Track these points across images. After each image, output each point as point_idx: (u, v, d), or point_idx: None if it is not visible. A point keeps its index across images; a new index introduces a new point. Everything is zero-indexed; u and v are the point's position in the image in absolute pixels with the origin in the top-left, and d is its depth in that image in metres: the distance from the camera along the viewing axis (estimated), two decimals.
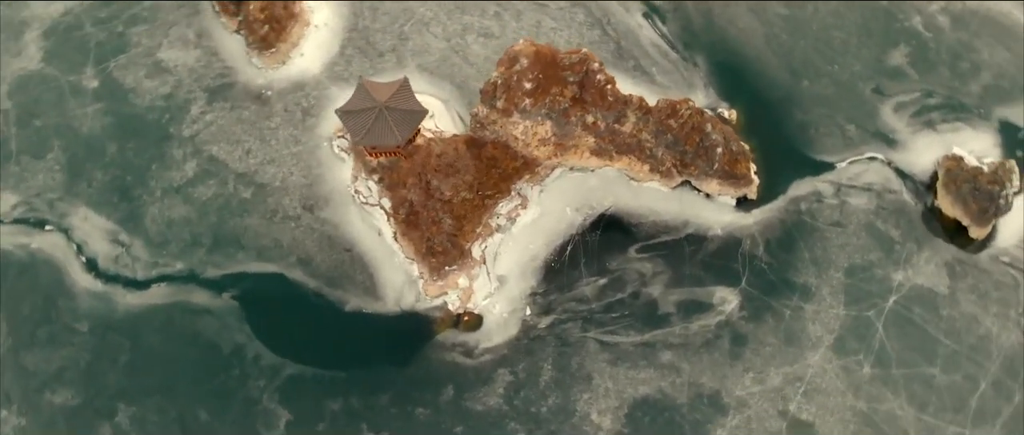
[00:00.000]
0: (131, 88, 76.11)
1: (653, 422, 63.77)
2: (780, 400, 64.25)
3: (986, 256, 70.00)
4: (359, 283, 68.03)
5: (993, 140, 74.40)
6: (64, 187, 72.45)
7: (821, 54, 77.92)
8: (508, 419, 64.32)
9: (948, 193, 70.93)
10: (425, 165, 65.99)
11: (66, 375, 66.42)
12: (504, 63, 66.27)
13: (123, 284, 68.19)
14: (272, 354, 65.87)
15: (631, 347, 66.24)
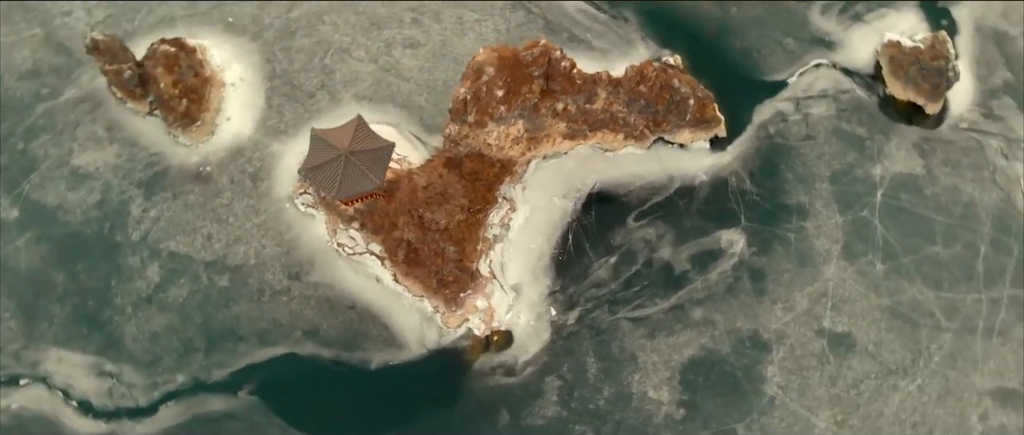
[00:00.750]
0: (56, 206, 70.57)
1: (707, 379, 66.21)
2: (813, 320, 68.45)
3: (947, 128, 76.48)
4: (376, 337, 66.84)
5: (917, 16, 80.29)
6: (24, 334, 66.80)
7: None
8: (571, 424, 65.13)
9: (896, 79, 76.79)
10: (413, 200, 65.29)
11: None
12: (470, 77, 66.00)
13: (127, 416, 64.24)
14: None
15: (662, 315, 68.75)
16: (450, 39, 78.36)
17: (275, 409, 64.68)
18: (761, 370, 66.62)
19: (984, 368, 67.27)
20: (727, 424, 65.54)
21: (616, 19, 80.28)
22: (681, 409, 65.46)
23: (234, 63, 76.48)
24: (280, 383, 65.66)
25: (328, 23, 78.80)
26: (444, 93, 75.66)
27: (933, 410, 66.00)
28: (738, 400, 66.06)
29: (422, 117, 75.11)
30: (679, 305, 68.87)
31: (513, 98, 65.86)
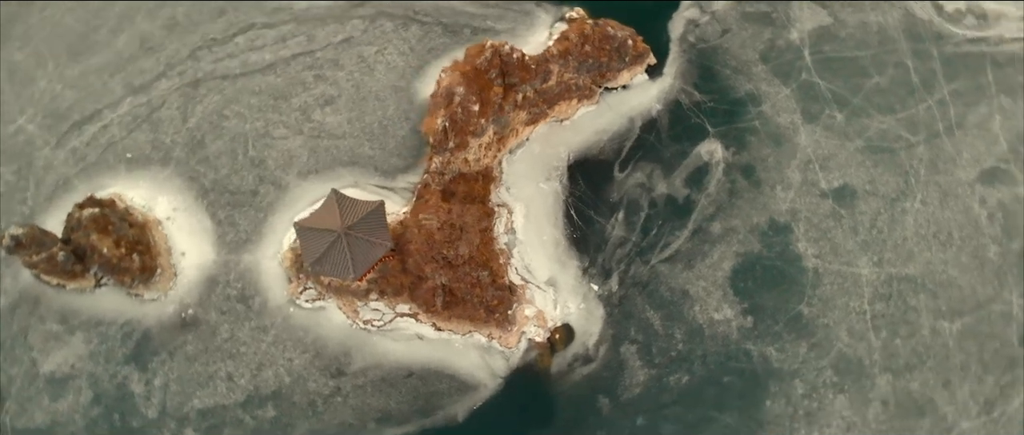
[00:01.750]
0: (50, 424, 65.04)
1: (755, 281, 71.80)
2: (812, 187, 76.07)
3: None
4: (447, 390, 67.33)
5: None
6: None
7: None
8: (665, 378, 68.18)
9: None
10: (432, 244, 66.00)
11: None
12: (441, 104, 67.85)
13: None
14: None
15: (688, 244, 73.70)
16: (361, 80, 78.84)
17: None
18: (794, 250, 73.55)
19: (961, 161, 77.36)
20: (792, 310, 71.23)
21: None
22: (748, 317, 70.76)
23: (158, 197, 73.45)
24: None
25: (231, 116, 77.24)
26: (384, 134, 76.74)
27: (942, 215, 75.26)
28: (789, 285, 72.36)
29: (375, 166, 75.54)
30: (697, 228, 74.47)
31: (487, 108, 68.74)
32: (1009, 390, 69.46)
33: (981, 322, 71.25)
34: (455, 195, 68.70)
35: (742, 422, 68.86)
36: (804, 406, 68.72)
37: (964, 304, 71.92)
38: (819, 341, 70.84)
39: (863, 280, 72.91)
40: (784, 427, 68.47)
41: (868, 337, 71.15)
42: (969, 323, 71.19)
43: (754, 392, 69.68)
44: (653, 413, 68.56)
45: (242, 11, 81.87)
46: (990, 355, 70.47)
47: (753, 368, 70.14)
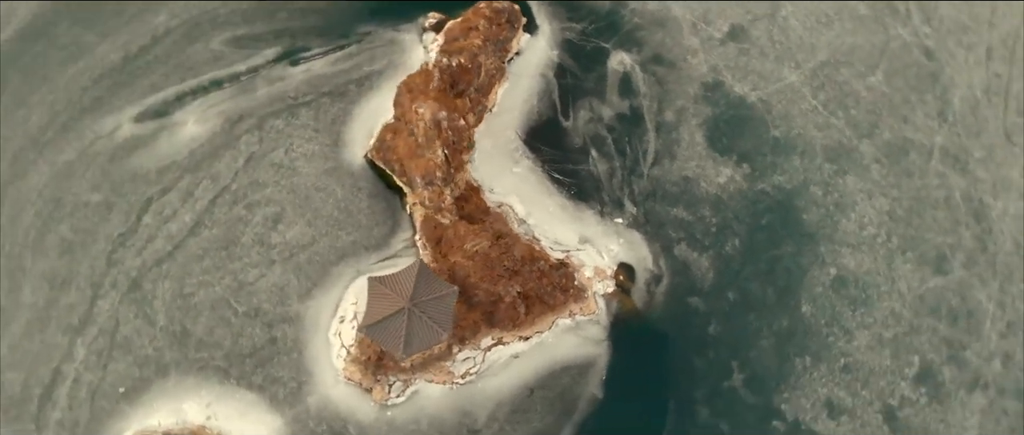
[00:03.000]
0: None
1: (725, 136, 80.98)
2: (710, 40, 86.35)
3: None
4: (571, 381, 69.21)
5: None
6: None
7: None
8: (721, 250, 76.16)
9: None
10: (492, 265, 68.36)
11: None
12: (438, 138, 69.85)
13: None
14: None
15: (660, 142, 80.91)
16: (292, 184, 78.00)
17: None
18: (736, 95, 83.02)
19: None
20: (767, 139, 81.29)
21: (376, 32, 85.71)
22: (742, 165, 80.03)
23: (183, 405, 67.59)
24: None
25: (195, 290, 72.75)
26: (350, 215, 77.16)
27: (813, 5, 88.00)
28: (752, 123, 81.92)
29: (363, 246, 75.61)
30: (657, 125, 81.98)
31: (469, 117, 73.63)
32: (946, 94, 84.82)
33: (893, 60, 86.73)
34: (471, 215, 73.06)
35: (800, 243, 78.39)
36: (831, 201, 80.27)
37: (873, 55, 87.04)
38: (803, 148, 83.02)
39: (796, 85, 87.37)
40: (829, 225, 78.91)
41: (831, 122, 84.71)
42: (886, 66, 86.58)
43: (789, 216, 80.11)
44: (734, 283, 76.28)
45: (126, 192, 78.22)
46: (914, 81, 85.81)
47: (774, 199, 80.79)
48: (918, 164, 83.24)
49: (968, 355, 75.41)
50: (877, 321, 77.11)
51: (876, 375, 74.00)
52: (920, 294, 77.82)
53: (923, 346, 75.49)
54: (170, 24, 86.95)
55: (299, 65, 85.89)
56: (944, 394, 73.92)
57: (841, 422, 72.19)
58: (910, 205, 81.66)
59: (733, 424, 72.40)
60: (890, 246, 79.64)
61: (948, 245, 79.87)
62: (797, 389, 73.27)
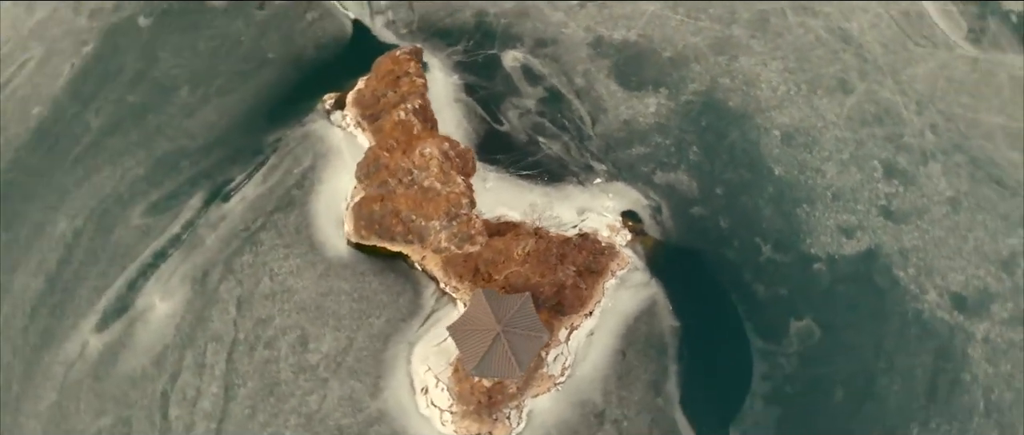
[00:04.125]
0: None
1: (637, 65, 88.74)
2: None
3: None
4: (647, 330, 71.83)
5: None
6: None
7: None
8: (712, 165, 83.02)
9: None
10: (546, 259, 68.99)
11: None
12: (446, 166, 70.25)
13: None
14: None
15: (589, 100, 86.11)
16: (296, 304, 73.99)
17: None
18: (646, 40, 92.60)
19: None
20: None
21: (285, 135, 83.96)
22: (670, 86, 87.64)
23: None
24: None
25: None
26: (366, 298, 74.24)
27: None
28: (650, 57, 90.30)
29: (400, 318, 73.17)
30: (580, 90, 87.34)
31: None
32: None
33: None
34: (493, 229, 74.22)
35: (740, 125, 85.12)
36: (740, 83, 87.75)
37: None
38: (694, 55, 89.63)
39: (658, 11, 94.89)
40: (751, 101, 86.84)
41: (701, 26, 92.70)
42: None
43: (719, 109, 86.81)
44: (714, 180, 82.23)
45: (134, 399, 69.70)
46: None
47: (700, 102, 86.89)
48: (781, 25, 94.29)
49: (907, 140, 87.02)
50: (831, 151, 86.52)
51: (858, 189, 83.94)
52: (846, 115, 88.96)
53: (874, 151, 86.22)
54: (76, 225, 79.62)
55: (231, 198, 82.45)
56: (910, 176, 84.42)
57: (858, 237, 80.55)
58: (796, 57, 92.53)
59: (786, 284, 77.59)
60: (802, 92, 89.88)
61: (840, 71, 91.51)
62: (812, 232, 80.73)
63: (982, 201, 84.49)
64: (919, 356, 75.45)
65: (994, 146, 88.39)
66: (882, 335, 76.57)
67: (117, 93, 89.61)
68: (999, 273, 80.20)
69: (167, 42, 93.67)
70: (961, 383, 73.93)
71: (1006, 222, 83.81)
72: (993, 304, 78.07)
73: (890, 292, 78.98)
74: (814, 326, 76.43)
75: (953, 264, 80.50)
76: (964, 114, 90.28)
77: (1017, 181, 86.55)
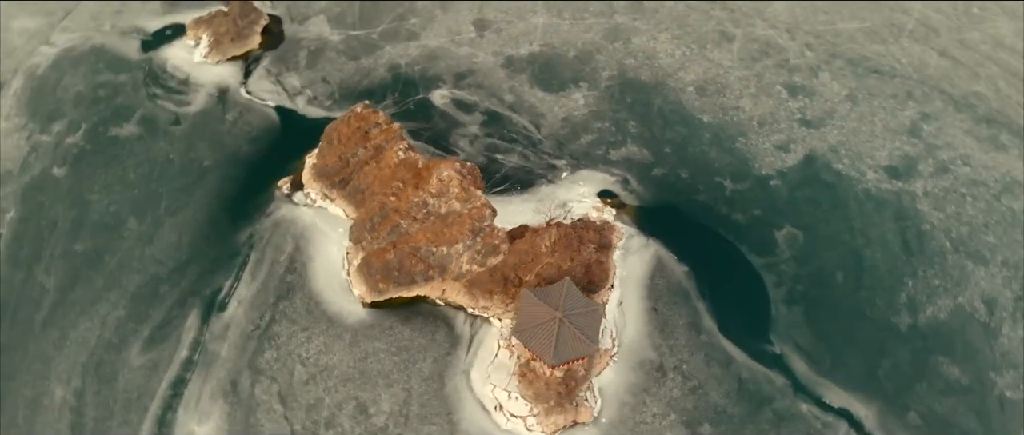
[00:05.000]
0: None
1: (545, 66, 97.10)
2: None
3: None
4: (664, 279, 77.91)
5: None
6: None
7: None
8: (643, 120, 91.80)
9: None
10: (569, 242, 73.47)
11: None
12: (466, 183, 71.74)
13: None
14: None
15: (509, 97, 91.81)
16: (342, 374, 72.47)
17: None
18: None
19: None
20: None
21: (256, 230, 79.36)
22: (587, 78, 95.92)
23: None
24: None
25: None
26: (405, 348, 73.96)
27: None
28: (560, 59, 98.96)
29: (446, 353, 73.55)
30: (509, 91, 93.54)
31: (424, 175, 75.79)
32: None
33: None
34: (514, 238, 77.05)
35: (659, 90, 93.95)
36: (643, 56, 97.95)
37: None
38: (595, 47, 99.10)
39: (543, 24, 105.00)
40: (659, 68, 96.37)
41: (588, 22, 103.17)
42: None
43: (638, 82, 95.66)
44: (660, 140, 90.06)
45: None
46: None
47: (620, 80, 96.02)
48: (655, 3, 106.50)
49: (793, 62, 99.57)
50: (740, 90, 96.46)
51: (775, 112, 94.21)
52: (738, 58, 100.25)
53: (773, 79, 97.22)
54: (74, 386, 72.89)
55: (228, 305, 79.09)
56: (809, 88, 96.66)
57: (792, 149, 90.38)
58: (677, 25, 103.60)
59: (756, 206, 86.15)
60: (695, 51, 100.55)
61: (716, 25, 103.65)
62: (756, 158, 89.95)
63: (871, 90, 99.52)
64: (883, 225, 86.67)
65: (860, 45, 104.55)
66: (848, 219, 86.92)
67: (61, 247, 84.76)
68: (911, 139, 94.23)
69: (92, 183, 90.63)
70: (924, 233, 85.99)
71: (896, 99, 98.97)
72: (918, 164, 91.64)
73: (838, 183, 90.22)
74: (794, 231, 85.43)
75: (873, 145, 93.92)
76: (826, 28, 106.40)
77: (890, 66, 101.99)
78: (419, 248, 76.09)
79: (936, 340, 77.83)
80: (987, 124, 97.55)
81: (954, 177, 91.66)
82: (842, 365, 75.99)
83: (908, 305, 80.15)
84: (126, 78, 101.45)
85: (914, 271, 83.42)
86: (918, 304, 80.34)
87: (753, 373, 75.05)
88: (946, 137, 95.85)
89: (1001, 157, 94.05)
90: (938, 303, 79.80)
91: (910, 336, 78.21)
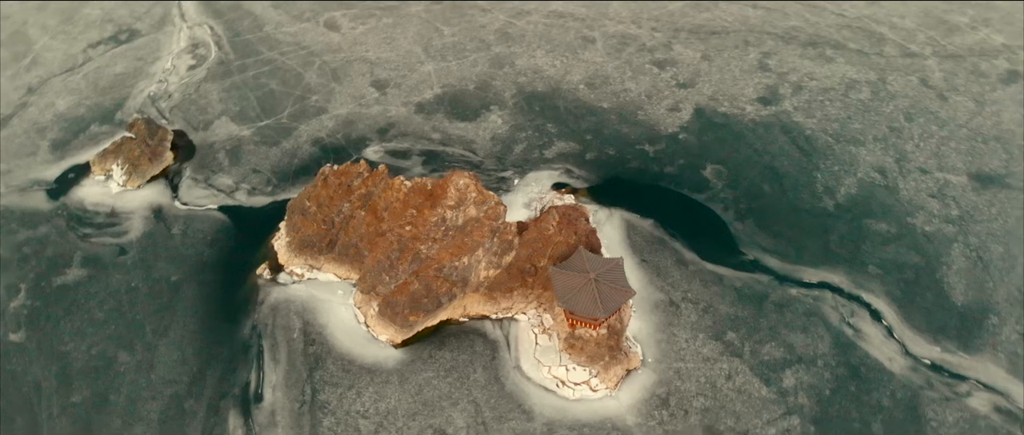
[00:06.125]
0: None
1: (451, 100, 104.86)
2: None
3: None
4: (640, 237, 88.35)
5: None
6: None
7: None
8: (565, 111, 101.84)
9: None
10: (569, 219, 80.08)
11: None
12: (480, 186, 72.61)
13: None
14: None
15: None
16: (408, 409, 72.09)
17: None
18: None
19: None
20: None
21: (252, 333, 78.33)
22: (494, 91, 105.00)
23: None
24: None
25: None
26: (459, 375, 76.81)
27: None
28: (467, 98, 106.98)
29: (492, 357, 76.64)
30: (399, 123, 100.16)
31: (430, 203, 79.89)
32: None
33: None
34: (521, 228, 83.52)
35: (567, 82, 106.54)
36: (540, 49, 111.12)
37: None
38: (482, 56, 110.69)
39: (428, 74, 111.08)
40: (560, 58, 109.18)
41: (456, 49, 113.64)
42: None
43: (542, 84, 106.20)
44: (589, 118, 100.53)
45: None
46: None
47: (526, 78, 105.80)
48: (519, 28, 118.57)
49: (644, 41, 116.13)
50: (619, 76, 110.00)
51: (653, 85, 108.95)
52: (604, 53, 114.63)
53: (636, 59, 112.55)
54: None
55: (264, 395, 75.18)
56: (668, 60, 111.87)
57: (678, 106, 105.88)
58: (546, 40, 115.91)
59: (677, 158, 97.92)
60: (570, 58, 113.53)
61: (575, 34, 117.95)
62: (657, 122, 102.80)
63: (717, 47, 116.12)
64: (777, 140, 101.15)
65: (692, 17, 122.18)
66: (750, 144, 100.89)
67: (57, 405, 77.49)
68: (764, 74, 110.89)
69: (61, 335, 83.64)
70: (809, 137, 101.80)
71: (739, 49, 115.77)
72: (778, 90, 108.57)
73: (728, 122, 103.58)
74: (716, 166, 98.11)
75: (739, 86, 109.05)
76: (661, 12, 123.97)
77: (722, 26, 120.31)
78: (442, 267, 79.60)
79: (857, 208, 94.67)
80: (812, 46, 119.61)
81: (808, 91, 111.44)
82: (803, 251, 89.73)
83: (826, 191, 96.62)
84: (47, 229, 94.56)
85: (816, 166, 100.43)
86: (832, 188, 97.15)
87: (743, 281, 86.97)
88: (788, 65, 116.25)
89: (832, 66, 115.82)
90: (845, 182, 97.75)
91: (838, 212, 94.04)
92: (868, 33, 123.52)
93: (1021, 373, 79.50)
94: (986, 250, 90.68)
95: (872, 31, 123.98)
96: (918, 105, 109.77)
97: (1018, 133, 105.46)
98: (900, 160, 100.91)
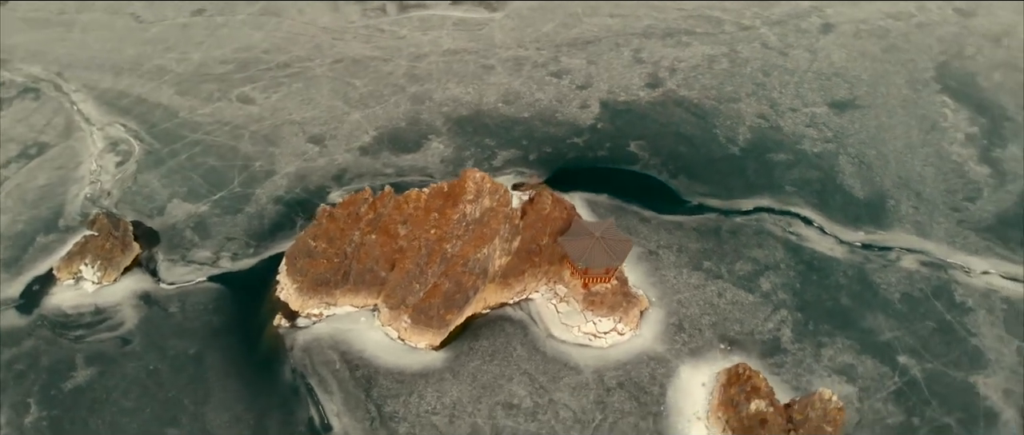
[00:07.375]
0: None
1: (395, 134, 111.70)
2: None
3: None
4: (607, 211, 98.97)
5: None
6: None
7: None
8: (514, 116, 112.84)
9: None
10: (563, 216, 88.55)
11: None
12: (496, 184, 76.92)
13: None
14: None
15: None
16: (471, 395, 77.33)
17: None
18: None
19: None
20: None
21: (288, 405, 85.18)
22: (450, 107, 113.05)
23: None
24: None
25: None
26: (495, 353, 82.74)
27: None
28: (420, 128, 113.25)
29: (525, 333, 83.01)
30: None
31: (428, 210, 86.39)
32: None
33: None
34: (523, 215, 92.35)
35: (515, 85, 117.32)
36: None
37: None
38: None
39: (361, 126, 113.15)
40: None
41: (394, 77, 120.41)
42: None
43: (493, 95, 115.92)
44: (534, 115, 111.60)
45: None
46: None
47: (480, 90, 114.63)
48: (426, 70, 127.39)
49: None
50: (527, 92, 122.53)
51: (616, 68, 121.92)
52: (509, 74, 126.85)
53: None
54: None
55: (332, 425, 76.51)
56: (595, 54, 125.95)
57: (640, 78, 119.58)
58: (450, 74, 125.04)
59: (608, 139, 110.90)
60: (474, 82, 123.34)
61: (479, 61, 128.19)
62: (577, 117, 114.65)
63: (586, 51, 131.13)
64: (677, 114, 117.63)
65: (550, 34, 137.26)
66: (656, 120, 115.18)
67: None
68: (640, 64, 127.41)
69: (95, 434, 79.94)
70: (704, 105, 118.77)
71: (615, 49, 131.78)
72: (659, 73, 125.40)
73: (630, 105, 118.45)
74: (636, 141, 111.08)
75: (628, 77, 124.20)
76: (538, 33, 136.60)
77: (591, 34, 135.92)
78: (467, 260, 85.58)
79: (758, 148, 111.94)
80: (670, 37, 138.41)
81: (681, 71, 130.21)
82: (732, 188, 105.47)
83: (728, 141, 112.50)
84: (33, 342, 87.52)
85: (713, 124, 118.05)
86: (733, 138, 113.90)
87: (697, 222, 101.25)
88: (657, 55, 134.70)
89: (691, 49, 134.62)
90: (739, 131, 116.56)
91: (744, 155, 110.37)
92: (708, 18, 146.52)
93: (926, 233, 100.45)
94: (863, 155, 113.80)
95: (710, 16, 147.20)
96: (768, 63, 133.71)
97: (850, 67, 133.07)
98: (773, 106, 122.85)
